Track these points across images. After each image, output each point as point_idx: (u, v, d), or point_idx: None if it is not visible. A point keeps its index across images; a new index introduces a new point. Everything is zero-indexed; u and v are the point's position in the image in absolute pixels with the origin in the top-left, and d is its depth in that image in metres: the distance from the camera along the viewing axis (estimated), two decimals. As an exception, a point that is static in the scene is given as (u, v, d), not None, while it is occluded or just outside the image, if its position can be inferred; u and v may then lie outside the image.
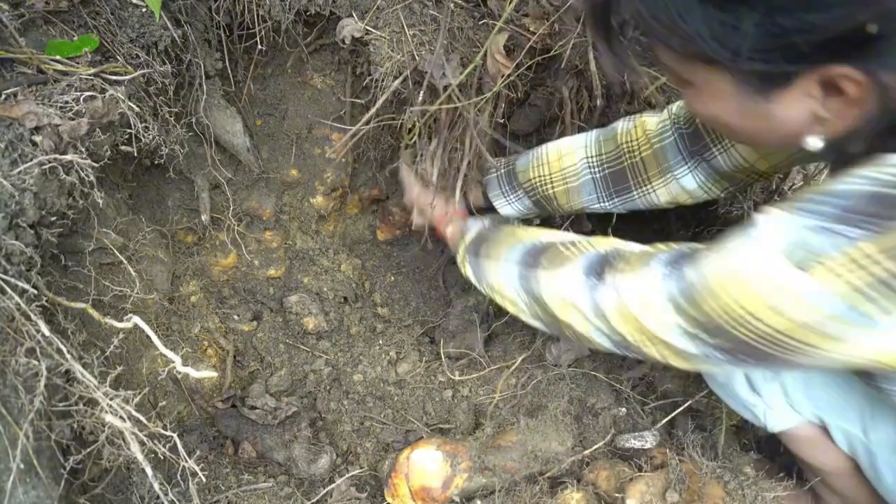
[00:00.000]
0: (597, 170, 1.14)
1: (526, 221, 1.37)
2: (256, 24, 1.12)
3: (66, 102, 0.84)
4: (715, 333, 0.72)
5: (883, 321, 0.60)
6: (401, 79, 1.07)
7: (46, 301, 0.78)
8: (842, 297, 0.60)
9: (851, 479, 1.04)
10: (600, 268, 0.86)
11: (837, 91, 0.62)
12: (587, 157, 1.14)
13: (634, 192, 1.14)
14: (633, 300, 0.79)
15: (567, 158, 1.16)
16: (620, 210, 1.18)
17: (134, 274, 1.02)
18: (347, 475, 1.14)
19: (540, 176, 1.19)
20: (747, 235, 0.67)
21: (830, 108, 0.64)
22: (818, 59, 0.59)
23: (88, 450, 0.78)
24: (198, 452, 1.10)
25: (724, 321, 0.70)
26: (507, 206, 1.27)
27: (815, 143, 0.68)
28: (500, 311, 1.45)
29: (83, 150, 0.85)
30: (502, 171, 1.24)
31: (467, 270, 1.13)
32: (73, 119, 0.83)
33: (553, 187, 1.18)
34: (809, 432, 1.06)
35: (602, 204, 1.17)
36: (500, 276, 1.03)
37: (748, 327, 0.68)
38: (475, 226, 1.20)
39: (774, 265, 0.63)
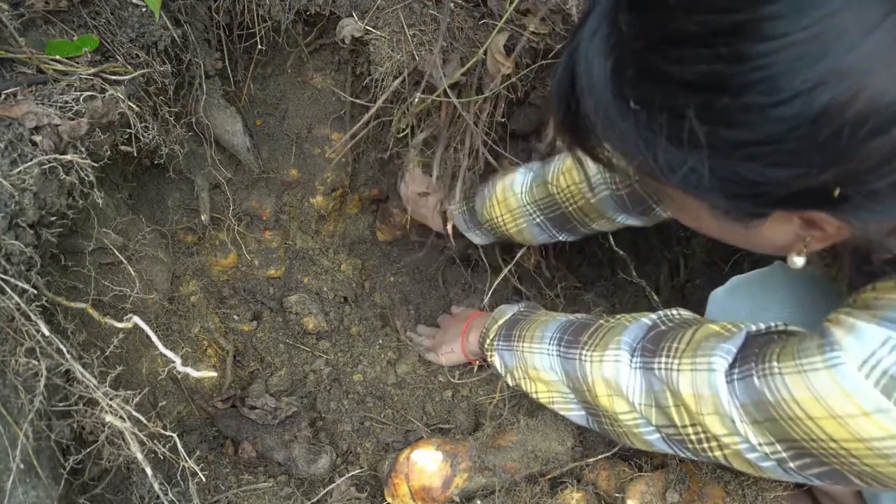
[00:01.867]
0: (536, 216, 1.13)
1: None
2: (256, 24, 1.12)
3: (66, 102, 0.84)
4: (800, 455, 0.64)
5: None
6: (401, 79, 1.07)
7: (46, 301, 0.78)
8: None
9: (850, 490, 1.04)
10: (651, 343, 0.77)
11: (817, 226, 0.57)
12: (524, 205, 1.12)
13: (582, 229, 1.14)
14: (689, 393, 0.70)
15: (511, 200, 1.14)
16: (575, 239, 1.19)
17: (134, 274, 1.02)
18: (347, 475, 1.14)
19: (493, 217, 1.18)
20: (830, 353, 0.58)
21: (813, 236, 0.59)
22: (789, 206, 0.54)
23: (88, 450, 0.78)
24: (198, 452, 1.10)
25: (812, 448, 0.62)
26: (476, 238, 1.28)
27: (798, 262, 0.63)
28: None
29: (83, 150, 0.85)
30: (464, 208, 1.24)
31: (494, 357, 1.02)
32: (73, 119, 0.83)
33: (507, 229, 1.18)
34: None
35: (557, 239, 1.18)
36: (535, 357, 0.92)
37: (842, 461, 0.60)
38: (509, 310, 1.09)
39: (870, 399, 0.55)
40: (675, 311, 0.83)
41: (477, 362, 1.27)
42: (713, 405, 0.68)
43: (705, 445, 0.73)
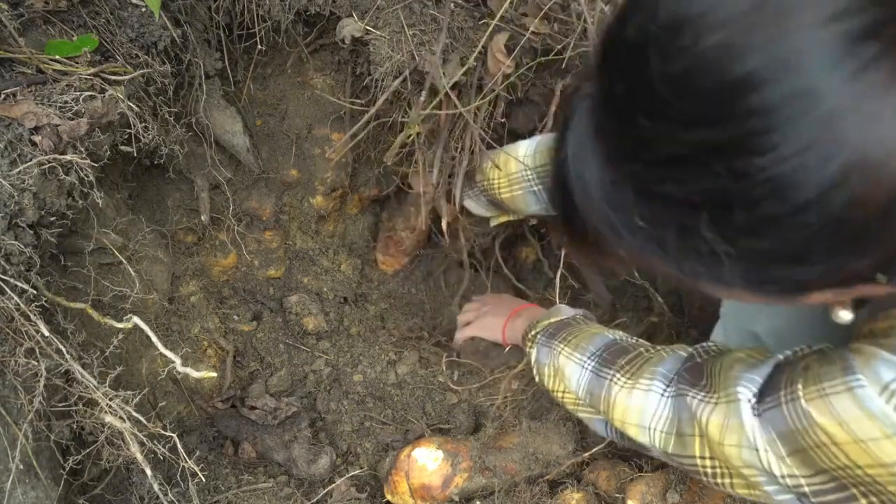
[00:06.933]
0: (533, 184, 1.11)
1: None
2: (256, 24, 1.12)
3: (66, 102, 0.84)
4: (827, 484, 0.63)
5: None
6: (401, 79, 1.07)
7: (46, 301, 0.78)
8: None
9: None
10: (688, 374, 0.79)
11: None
12: (525, 170, 1.11)
13: None
14: (716, 422, 0.71)
15: (511, 165, 1.13)
16: None
17: (134, 274, 1.02)
18: (347, 475, 1.14)
19: (490, 179, 1.17)
20: (851, 376, 0.58)
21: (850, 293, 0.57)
22: (829, 287, 0.52)
23: (88, 450, 0.78)
24: (198, 453, 1.10)
25: (840, 476, 0.61)
26: (468, 199, 1.27)
27: (845, 316, 0.61)
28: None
29: (83, 150, 0.84)
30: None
31: (533, 350, 1.04)
32: (73, 119, 0.83)
33: (500, 193, 1.16)
34: None
35: (550, 213, 1.14)
36: (570, 364, 0.95)
37: (869, 488, 0.60)
38: (566, 312, 1.10)
39: (892, 422, 0.55)
40: (710, 344, 0.84)
41: (508, 346, 1.28)
42: (737, 436, 0.68)
43: (720, 480, 0.75)
